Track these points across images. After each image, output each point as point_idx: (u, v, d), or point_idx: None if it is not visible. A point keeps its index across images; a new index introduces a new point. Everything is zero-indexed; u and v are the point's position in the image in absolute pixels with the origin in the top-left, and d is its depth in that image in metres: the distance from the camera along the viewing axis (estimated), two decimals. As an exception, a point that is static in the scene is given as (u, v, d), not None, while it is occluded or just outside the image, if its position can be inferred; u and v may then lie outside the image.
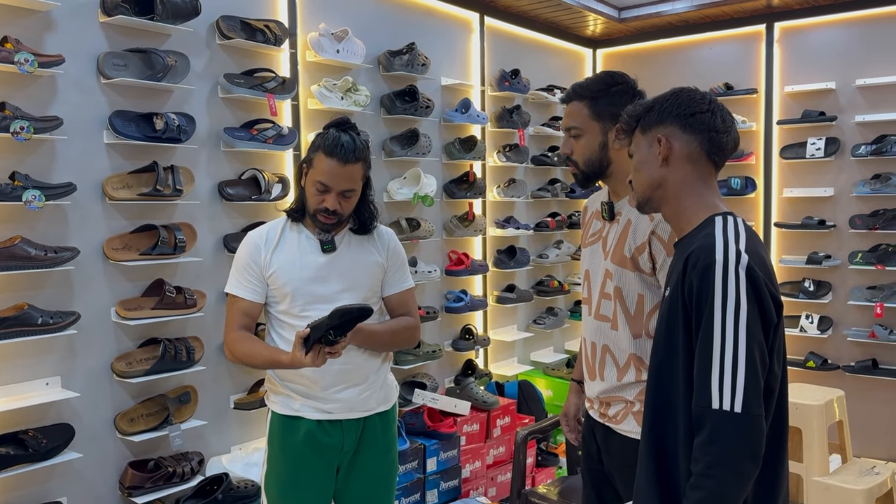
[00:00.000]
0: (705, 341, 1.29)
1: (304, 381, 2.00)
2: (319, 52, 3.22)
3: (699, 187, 1.45)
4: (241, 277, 2.02)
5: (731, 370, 1.25)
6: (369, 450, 2.07)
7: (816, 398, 3.38)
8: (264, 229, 2.07)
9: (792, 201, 4.50)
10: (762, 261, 1.34)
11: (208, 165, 2.90)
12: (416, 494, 3.38)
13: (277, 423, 2.04)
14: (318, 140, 1.98)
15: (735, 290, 1.28)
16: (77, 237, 2.54)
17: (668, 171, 1.46)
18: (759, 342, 1.28)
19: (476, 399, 3.73)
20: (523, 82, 4.38)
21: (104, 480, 2.63)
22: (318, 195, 1.96)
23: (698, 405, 1.28)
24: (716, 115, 1.44)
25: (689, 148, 1.44)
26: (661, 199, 1.50)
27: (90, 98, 2.57)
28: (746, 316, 1.27)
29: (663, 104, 1.48)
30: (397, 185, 3.66)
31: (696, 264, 1.33)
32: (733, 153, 1.49)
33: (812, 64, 4.40)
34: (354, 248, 2.06)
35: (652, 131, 1.48)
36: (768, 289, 1.31)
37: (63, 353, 2.52)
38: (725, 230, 1.37)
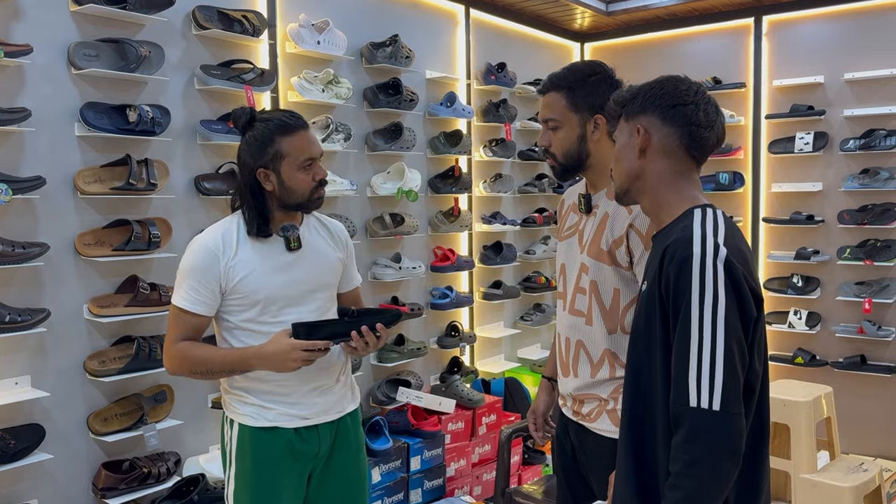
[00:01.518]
0: (683, 337, 1.25)
1: (280, 391, 1.88)
2: (299, 43, 3.16)
3: (678, 181, 1.41)
4: (193, 290, 1.81)
5: (709, 367, 1.21)
6: (343, 451, 2.00)
7: (804, 395, 3.35)
8: (217, 234, 1.85)
9: (780, 196, 4.46)
10: (741, 254, 1.31)
11: (184, 159, 2.84)
12: (400, 494, 3.33)
13: (249, 436, 1.88)
14: (262, 135, 1.83)
15: (713, 283, 1.24)
16: (47, 232, 2.47)
17: (646, 163, 1.41)
18: (737, 337, 1.24)
19: (461, 397, 3.68)
20: (510, 76, 4.33)
21: (76, 482, 2.56)
22: (307, 175, 1.85)
23: (676, 403, 1.24)
24: (698, 108, 1.38)
25: (668, 141, 1.39)
26: (639, 191, 1.45)
27: (60, 89, 2.50)
28: (725, 310, 1.23)
29: (647, 92, 1.43)
30: (381, 179, 3.60)
31: (674, 257, 1.29)
32: (717, 149, 1.43)
33: (800, 58, 4.36)
34: (315, 242, 1.97)
35: (634, 120, 1.43)
36: (748, 283, 1.27)
37: (33, 351, 2.46)
38: (704, 223, 1.33)
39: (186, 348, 1.83)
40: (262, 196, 1.87)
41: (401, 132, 3.60)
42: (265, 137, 1.83)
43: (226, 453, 1.95)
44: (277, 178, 1.85)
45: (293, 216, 1.93)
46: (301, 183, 1.86)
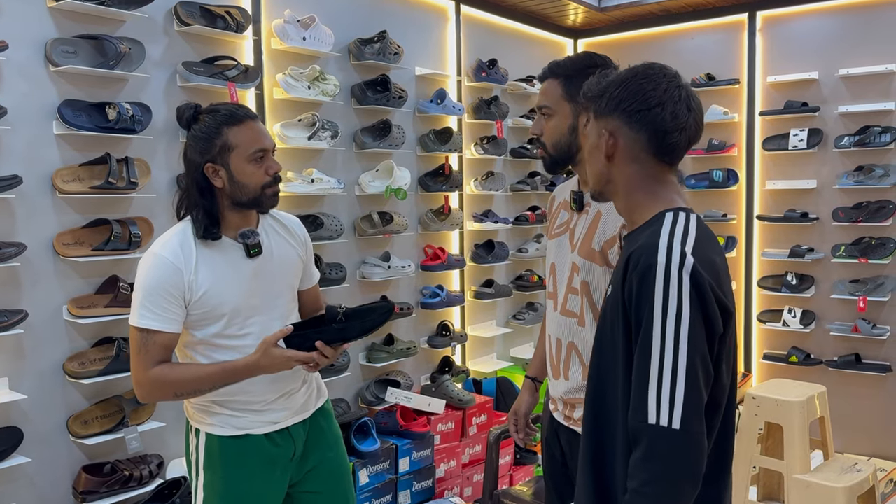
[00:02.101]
0: (644, 350, 1.18)
1: (249, 397, 1.81)
2: (285, 39, 3.11)
3: (650, 184, 1.32)
4: (157, 307, 1.68)
5: (669, 383, 1.14)
6: (319, 447, 1.95)
7: (798, 394, 3.31)
8: (174, 245, 1.73)
9: (774, 193, 4.42)
10: (711, 265, 1.22)
11: (166, 157, 2.79)
12: (388, 496, 3.29)
13: (218, 445, 1.81)
14: (207, 127, 1.73)
15: (677, 295, 1.16)
16: (24, 232, 2.43)
17: (614, 168, 1.33)
18: (701, 353, 1.16)
19: (452, 397, 3.64)
20: (501, 73, 4.28)
21: (56, 485, 2.52)
22: (258, 167, 1.73)
23: (634, 419, 1.17)
24: (665, 111, 1.26)
25: (634, 146, 1.29)
26: (611, 192, 1.37)
27: (37, 87, 2.45)
28: (689, 324, 1.15)
29: (613, 92, 1.32)
30: (369, 177, 3.56)
31: (638, 264, 1.21)
32: (690, 148, 1.33)
33: (795, 54, 4.32)
34: (274, 244, 1.88)
35: (601, 121, 1.33)
36: (715, 295, 1.19)
37: (10, 353, 2.41)
38: (673, 228, 1.24)
39: (165, 373, 1.71)
40: (210, 195, 1.75)
41: (389, 129, 3.56)
42: (211, 130, 1.72)
43: (191, 463, 1.88)
44: (227, 172, 1.73)
45: (248, 218, 1.83)
46: (252, 177, 1.74)
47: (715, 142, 4.51)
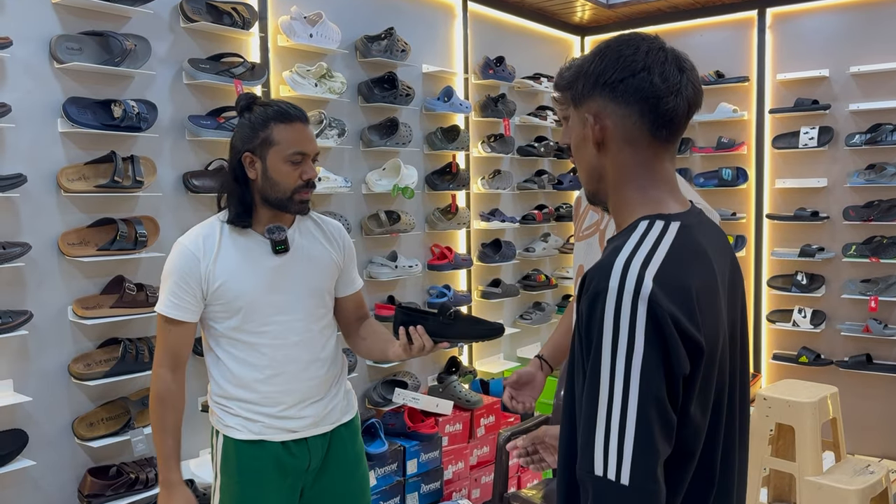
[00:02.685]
0: (591, 389, 0.99)
1: (267, 403, 1.80)
2: (291, 36, 3.07)
3: (640, 176, 1.10)
4: (175, 296, 1.73)
5: (617, 432, 0.95)
6: (338, 465, 1.90)
7: (809, 395, 3.27)
8: (198, 235, 1.77)
9: (784, 192, 4.38)
10: (682, 290, 0.99)
11: (172, 155, 2.75)
12: (396, 498, 3.25)
13: (234, 449, 1.81)
14: (257, 118, 1.75)
15: (629, 328, 0.96)
16: (29, 231, 2.39)
17: (606, 158, 1.11)
18: (657, 398, 0.95)
19: (459, 398, 3.61)
20: (508, 70, 4.24)
21: (62, 488, 2.49)
22: (294, 170, 1.73)
23: (581, 467, 0.99)
24: (652, 74, 1.05)
25: (626, 123, 1.08)
26: (605, 192, 1.16)
27: (42, 84, 2.42)
28: (641, 364, 0.95)
29: (587, 69, 1.11)
30: (376, 176, 3.52)
31: (588, 288, 1.02)
32: (690, 115, 1.10)
33: (805, 51, 4.28)
34: (306, 245, 1.86)
35: (581, 108, 1.12)
36: (680, 329, 0.97)
37: (15, 354, 2.38)
38: (638, 245, 1.03)
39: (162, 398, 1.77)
40: (245, 184, 1.77)
41: (396, 127, 3.52)
42: (259, 121, 1.75)
43: (213, 464, 1.87)
44: (262, 165, 1.74)
45: (281, 216, 1.82)
46: (285, 177, 1.74)
47: (724, 140, 4.47)
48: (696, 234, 1.08)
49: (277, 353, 1.79)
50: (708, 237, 1.11)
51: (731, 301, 1.13)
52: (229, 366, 1.80)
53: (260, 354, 1.79)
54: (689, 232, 1.07)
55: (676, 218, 1.08)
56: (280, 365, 1.80)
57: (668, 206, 1.10)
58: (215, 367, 1.83)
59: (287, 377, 1.80)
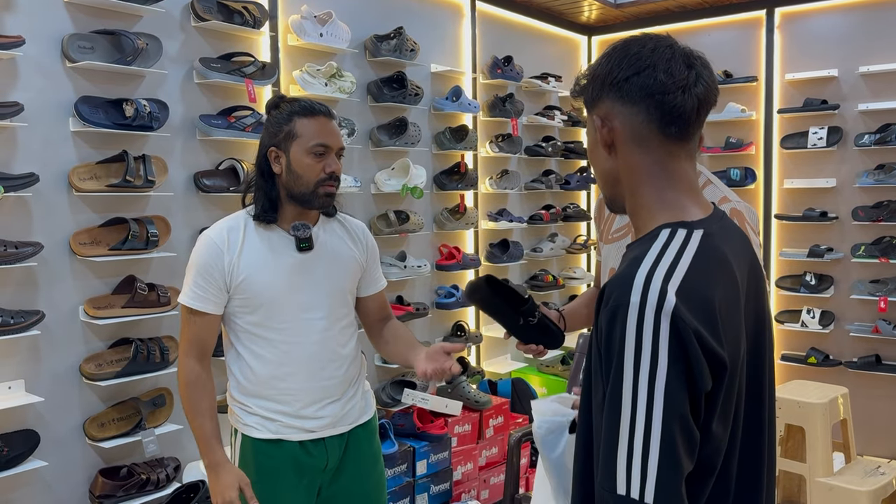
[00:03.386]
0: (612, 407, 0.97)
1: (285, 401, 1.80)
2: (302, 35, 3.06)
3: (656, 178, 1.07)
4: (199, 287, 1.74)
5: (641, 450, 0.94)
6: (356, 465, 1.90)
7: (819, 396, 3.27)
8: (223, 228, 1.78)
9: (793, 192, 4.37)
10: (706, 303, 0.97)
11: (183, 155, 2.75)
12: (406, 499, 3.24)
13: (252, 448, 1.82)
14: (282, 113, 1.77)
15: (652, 344, 0.94)
16: (41, 231, 2.38)
17: (618, 161, 1.09)
18: (681, 416, 0.94)
19: (468, 398, 3.60)
20: (516, 70, 4.23)
21: (73, 489, 2.48)
22: (317, 162, 1.74)
23: (602, 486, 0.97)
24: (657, 70, 1.03)
25: (634, 123, 1.05)
26: (622, 196, 1.12)
27: (54, 83, 2.41)
28: (665, 381, 0.93)
29: (595, 72, 1.10)
30: (385, 175, 3.51)
31: (609, 302, 0.99)
32: (702, 112, 1.06)
33: (814, 51, 4.27)
34: (330, 243, 1.86)
35: (592, 112, 1.11)
36: (703, 345, 0.95)
37: (26, 354, 2.37)
38: (660, 256, 0.99)
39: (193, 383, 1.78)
40: (271, 180, 1.79)
41: (405, 127, 3.51)
42: (284, 117, 1.77)
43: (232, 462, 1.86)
44: (286, 159, 1.76)
45: (306, 213, 1.82)
46: (308, 169, 1.74)
47: (732, 140, 4.45)
48: (719, 242, 1.04)
49: (297, 351, 1.79)
50: (731, 244, 1.07)
51: (755, 309, 1.10)
52: (249, 362, 1.80)
53: (280, 351, 1.79)
54: (713, 241, 1.03)
55: (699, 225, 1.04)
56: (299, 362, 1.80)
57: (689, 211, 1.06)
58: (235, 364, 1.83)
59: (306, 375, 1.80)
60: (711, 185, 1.62)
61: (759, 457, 1.10)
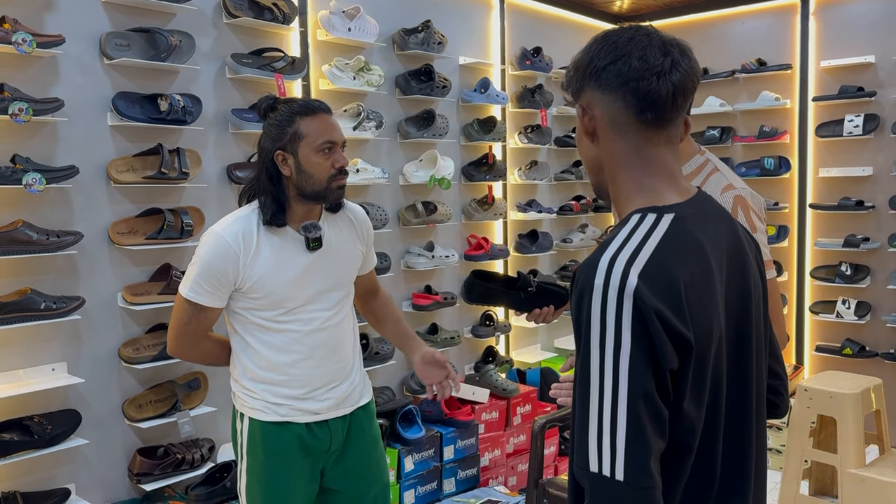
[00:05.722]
0: (582, 386, 1.00)
1: (293, 385, 1.85)
2: (330, 30, 3.14)
3: (632, 165, 1.10)
4: (209, 284, 1.76)
5: (609, 427, 0.96)
6: (358, 446, 1.96)
7: (852, 386, 3.22)
8: (237, 230, 1.77)
9: (828, 181, 4.30)
10: (670, 286, 0.99)
11: (216, 148, 2.84)
12: (433, 483, 3.31)
13: (260, 431, 1.85)
14: (282, 116, 1.78)
15: (615, 324, 0.97)
16: (81, 221, 2.50)
17: (600, 149, 1.12)
18: (645, 393, 0.96)
19: (495, 386, 3.64)
20: (545, 61, 4.25)
21: (113, 467, 2.60)
22: (326, 159, 1.77)
23: (577, 464, 0.99)
24: (632, 58, 1.05)
25: (611, 110, 1.08)
26: (606, 184, 1.15)
27: (92, 79, 2.52)
28: (630, 360, 0.96)
29: (578, 62, 1.12)
30: (413, 167, 3.57)
31: (576, 284, 1.03)
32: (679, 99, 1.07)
33: (850, 37, 4.18)
34: (336, 238, 1.91)
35: (577, 101, 1.14)
36: (665, 324, 0.97)
37: (68, 338, 2.49)
38: (627, 240, 1.02)
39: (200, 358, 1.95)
40: (279, 183, 1.79)
41: (433, 119, 3.56)
42: (285, 119, 1.78)
43: (237, 445, 1.92)
44: (295, 160, 1.77)
45: (313, 211, 1.86)
46: (319, 168, 1.78)
47: (766, 129, 4.40)
48: (690, 226, 1.05)
49: (307, 339, 1.85)
50: (707, 228, 1.09)
51: (740, 293, 1.11)
52: (258, 349, 1.84)
53: (290, 340, 1.84)
54: (683, 224, 1.05)
55: (670, 210, 1.06)
56: (309, 350, 1.85)
57: (664, 196, 1.08)
58: (242, 352, 1.87)
59: (315, 361, 1.86)
60: (718, 172, 1.64)
61: (746, 441, 1.11)
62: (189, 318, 1.81)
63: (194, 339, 1.86)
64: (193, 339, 1.86)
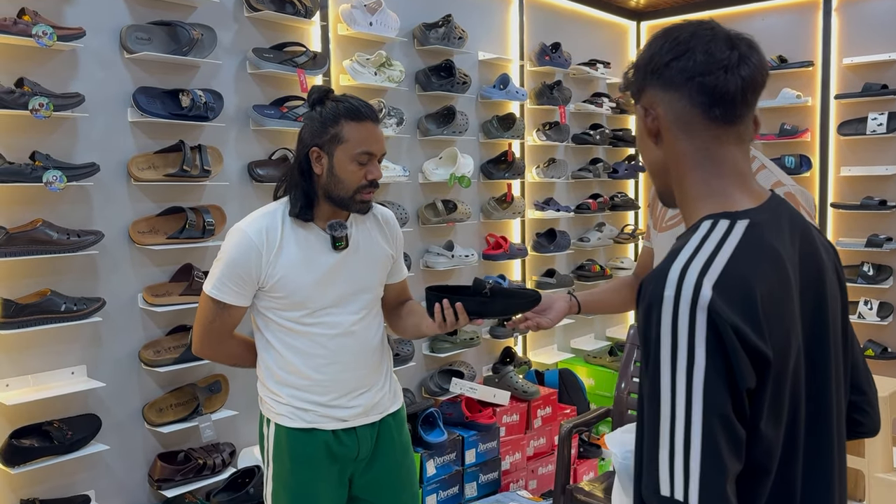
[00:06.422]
0: (652, 405, 0.94)
1: (319, 391, 1.79)
2: (352, 24, 3.06)
3: (700, 166, 1.03)
4: (233, 282, 1.72)
5: (683, 450, 0.90)
6: (387, 454, 1.90)
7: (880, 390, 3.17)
8: (261, 227, 1.72)
9: (850, 180, 4.24)
10: (746, 298, 0.92)
11: (237, 145, 2.77)
12: (455, 487, 3.24)
13: (286, 437, 1.80)
14: (328, 113, 1.71)
15: (688, 340, 0.90)
16: (101, 220, 2.43)
17: (665, 150, 1.06)
18: (722, 414, 0.90)
19: (516, 388, 3.58)
20: (564, 56, 4.18)
21: (133, 473, 2.53)
22: (360, 168, 1.71)
23: (646, 487, 0.94)
24: (695, 53, 1.00)
25: (676, 108, 1.03)
26: (671, 188, 1.09)
27: (113, 73, 2.45)
28: (704, 378, 0.90)
29: (638, 63, 1.07)
30: (433, 165, 3.50)
31: (644, 296, 0.97)
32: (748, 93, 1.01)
33: (874, 34, 4.12)
34: (363, 239, 1.84)
35: (639, 101, 1.09)
36: (743, 339, 0.90)
37: (88, 341, 2.42)
38: (698, 249, 0.96)
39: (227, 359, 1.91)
40: (309, 178, 1.74)
41: (453, 116, 3.49)
42: (329, 117, 1.71)
43: (264, 451, 1.87)
44: (329, 161, 1.72)
45: (340, 211, 1.79)
46: (350, 175, 1.71)
47: (787, 127, 4.34)
48: (766, 232, 0.99)
49: (332, 343, 1.79)
50: (782, 234, 1.02)
51: (815, 302, 1.04)
52: (282, 352, 1.79)
53: (315, 344, 1.78)
54: (758, 231, 0.98)
55: (744, 215, 1.00)
56: (334, 354, 1.79)
57: (736, 200, 1.02)
58: (267, 353, 1.82)
59: (341, 366, 1.80)
60: (766, 169, 1.58)
61: (827, 463, 1.04)
62: (213, 317, 1.76)
63: (219, 338, 1.81)
64: (218, 339, 1.81)
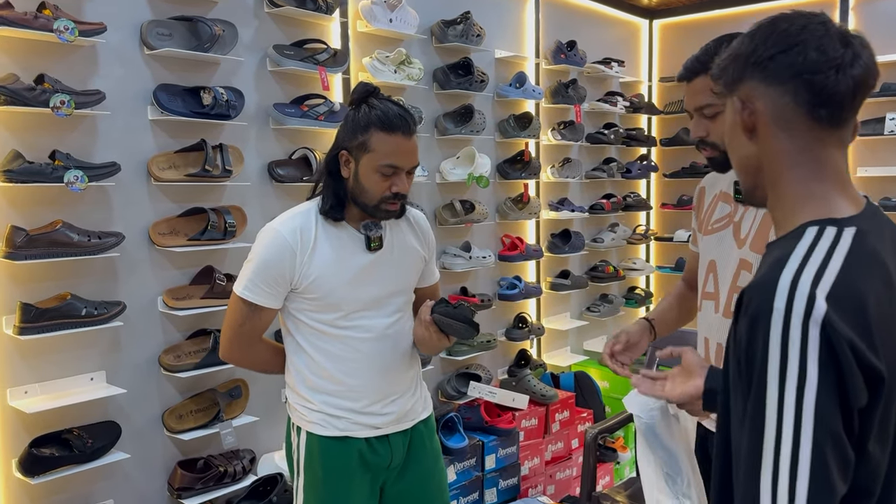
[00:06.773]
0: (755, 422, 0.88)
1: (352, 397, 1.74)
2: (372, 21, 2.99)
3: (800, 166, 0.98)
4: (265, 283, 1.67)
5: (789, 469, 0.85)
6: (419, 462, 1.85)
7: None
8: (295, 226, 1.68)
9: (868, 181, 4.20)
10: (860, 309, 0.88)
11: (257, 144, 2.70)
12: (475, 494, 3.19)
13: (318, 446, 1.75)
14: (361, 118, 1.66)
15: (800, 355, 0.85)
16: (121, 221, 2.35)
17: (759, 147, 1.00)
18: (833, 434, 0.85)
19: (534, 392, 3.53)
20: (580, 55, 4.12)
21: (152, 481, 2.46)
22: (383, 181, 1.66)
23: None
24: (807, 47, 0.94)
25: (778, 104, 0.97)
26: (763, 187, 1.04)
27: (133, 70, 2.37)
28: (816, 395, 0.85)
29: (739, 50, 1.01)
30: (450, 164, 3.44)
31: (749, 308, 0.91)
32: (859, 95, 0.96)
33: (891, 33, 4.08)
34: (397, 240, 1.80)
35: (734, 94, 1.02)
36: (858, 355, 0.86)
37: (108, 346, 2.35)
38: (808, 256, 0.90)
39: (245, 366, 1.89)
40: (339, 179, 1.71)
41: (471, 115, 3.43)
42: (361, 123, 1.66)
43: (293, 460, 1.81)
44: (355, 167, 1.68)
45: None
46: (373, 185, 1.66)
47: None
48: (873, 241, 0.94)
49: (365, 347, 1.74)
50: (885, 243, 0.98)
51: None
52: (314, 356, 1.74)
53: (348, 347, 1.73)
54: (866, 240, 0.94)
55: (850, 223, 0.95)
56: (367, 358, 1.75)
57: (838, 206, 0.97)
58: (298, 356, 1.77)
59: (374, 371, 1.76)
60: None
61: None
62: (244, 320, 1.71)
63: (249, 342, 1.75)
64: (248, 342, 1.75)
